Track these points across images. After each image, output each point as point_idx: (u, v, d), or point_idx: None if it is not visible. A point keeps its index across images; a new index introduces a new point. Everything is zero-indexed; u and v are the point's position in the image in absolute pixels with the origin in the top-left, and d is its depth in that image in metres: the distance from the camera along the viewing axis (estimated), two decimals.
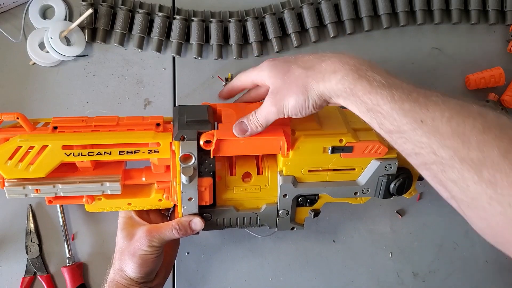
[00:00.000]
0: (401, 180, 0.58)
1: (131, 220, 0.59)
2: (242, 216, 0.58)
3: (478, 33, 0.73)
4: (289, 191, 0.57)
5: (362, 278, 0.71)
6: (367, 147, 0.55)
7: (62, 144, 0.52)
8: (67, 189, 0.55)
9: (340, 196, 0.59)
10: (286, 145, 0.53)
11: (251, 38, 0.69)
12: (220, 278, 0.70)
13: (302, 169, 0.56)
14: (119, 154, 0.53)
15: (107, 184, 0.55)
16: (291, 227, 0.61)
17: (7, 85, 0.68)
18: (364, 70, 0.44)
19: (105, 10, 0.68)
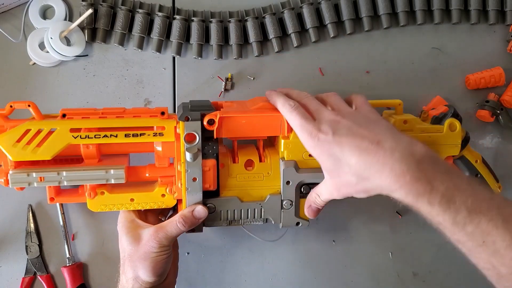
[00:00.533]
0: None
1: (134, 223, 0.59)
2: (246, 207, 0.58)
3: (478, 33, 0.73)
4: (292, 177, 0.58)
5: (362, 278, 0.71)
6: None
7: (70, 127, 0.54)
8: (71, 177, 0.55)
9: None
10: (286, 124, 0.55)
11: (251, 38, 0.69)
12: (220, 278, 0.70)
13: (303, 153, 0.57)
14: (125, 137, 0.55)
15: (112, 172, 0.55)
16: (296, 221, 0.60)
17: (7, 85, 0.68)
18: (425, 181, 0.45)
19: (105, 10, 0.68)
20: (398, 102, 0.63)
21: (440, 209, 0.44)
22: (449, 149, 0.61)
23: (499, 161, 0.73)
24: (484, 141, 0.73)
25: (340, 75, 0.72)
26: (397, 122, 0.61)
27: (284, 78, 0.71)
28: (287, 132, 0.56)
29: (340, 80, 0.72)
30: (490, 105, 0.70)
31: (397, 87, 0.72)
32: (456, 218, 0.44)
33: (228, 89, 0.71)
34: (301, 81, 0.71)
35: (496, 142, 0.73)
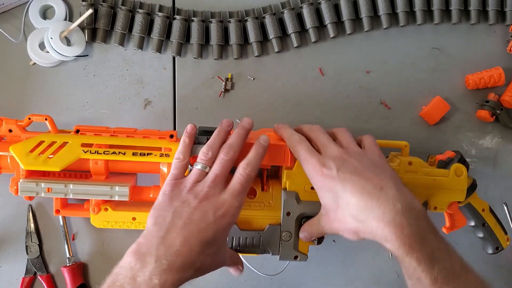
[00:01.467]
0: None
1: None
2: (245, 235, 0.59)
3: (478, 33, 0.73)
4: (292, 208, 0.58)
5: (362, 278, 0.71)
6: None
7: (81, 142, 0.56)
8: (77, 190, 0.56)
9: None
10: (290, 155, 0.56)
11: (251, 38, 0.69)
12: (220, 278, 0.70)
13: (305, 185, 0.57)
14: (132, 155, 0.57)
15: (116, 188, 0.57)
16: (295, 255, 0.59)
17: (7, 85, 0.68)
18: (418, 238, 0.47)
19: (105, 10, 0.68)
20: (404, 143, 0.62)
21: (425, 267, 0.46)
22: (455, 195, 0.61)
23: (499, 161, 0.73)
24: (484, 141, 0.73)
25: (340, 75, 0.72)
26: (402, 163, 0.60)
27: (284, 78, 0.71)
28: (290, 163, 0.57)
29: (340, 80, 0.72)
30: (490, 105, 0.70)
31: (397, 87, 0.72)
32: (438, 277, 0.46)
33: (228, 89, 0.71)
34: (301, 81, 0.71)
35: (496, 142, 0.73)
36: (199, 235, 0.48)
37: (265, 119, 0.71)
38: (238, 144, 0.53)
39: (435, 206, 0.61)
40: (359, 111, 0.72)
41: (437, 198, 0.61)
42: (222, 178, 0.51)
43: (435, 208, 0.61)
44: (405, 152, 0.63)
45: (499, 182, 0.73)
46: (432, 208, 0.61)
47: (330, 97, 0.71)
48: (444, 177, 0.61)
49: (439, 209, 0.62)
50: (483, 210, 0.65)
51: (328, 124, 0.71)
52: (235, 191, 0.51)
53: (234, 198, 0.50)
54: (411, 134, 0.72)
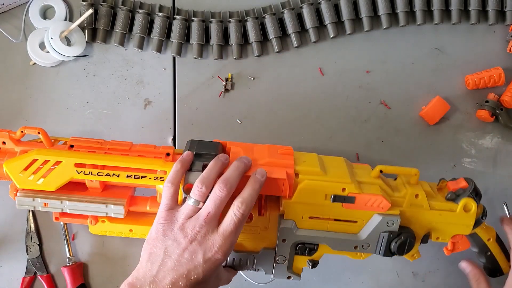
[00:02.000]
0: (402, 239, 0.56)
1: None
2: (239, 257, 0.57)
3: (478, 33, 0.73)
4: (289, 236, 0.56)
5: (362, 278, 0.71)
6: (369, 200, 0.55)
7: (75, 162, 0.55)
8: (73, 206, 0.57)
9: (340, 248, 0.57)
10: (288, 188, 0.54)
11: (251, 38, 0.69)
12: None
13: (303, 215, 0.56)
14: (126, 178, 0.56)
15: (111, 207, 0.57)
16: (288, 275, 0.59)
17: (7, 85, 0.69)
18: None
19: (105, 10, 0.68)
20: (414, 172, 0.58)
21: None
22: (459, 229, 0.59)
23: (499, 161, 0.73)
24: (484, 141, 0.73)
25: (340, 75, 0.72)
26: (408, 195, 0.57)
27: (284, 78, 0.71)
28: (289, 195, 0.55)
29: (340, 80, 0.72)
30: (490, 105, 0.70)
31: (397, 87, 0.72)
32: None
33: (228, 89, 0.71)
34: (301, 81, 0.71)
35: (496, 142, 0.73)
36: (188, 276, 0.48)
37: (265, 119, 0.71)
38: (234, 179, 0.51)
39: (437, 237, 0.59)
40: (359, 111, 0.72)
41: (440, 231, 0.59)
42: (214, 217, 0.50)
43: (437, 239, 0.60)
44: (414, 180, 0.59)
45: (499, 182, 0.73)
46: (434, 238, 0.60)
47: (330, 97, 0.71)
48: (451, 212, 0.58)
49: (441, 240, 0.60)
50: (488, 239, 0.62)
51: (328, 124, 0.71)
52: (226, 232, 0.49)
53: (226, 239, 0.49)
54: (411, 134, 0.72)
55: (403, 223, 0.57)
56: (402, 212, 0.56)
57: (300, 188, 0.54)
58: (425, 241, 0.59)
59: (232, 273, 0.58)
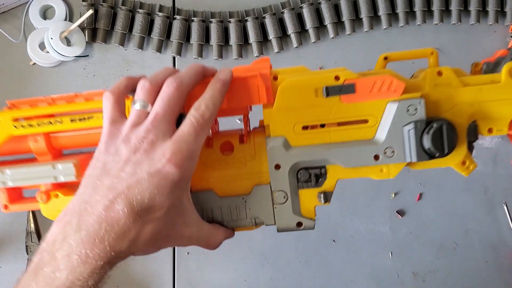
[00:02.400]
0: (435, 126, 0.40)
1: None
2: (227, 204, 0.44)
3: (478, 33, 0.73)
4: (282, 158, 0.42)
5: (362, 278, 0.71)
6: (374, 83, 0.42)
7: (13, 117, 0.48)
8: (16, 175, 0.48)
9: (355, 163, 0.42)
10: (264, 88, 0.42)
11: (251, 38, 0.69)
12: (220, 278, 0.70)
13: (294, 126, 0.43)
14: (71, 122, 0.47)
15: (59, 166, 0.47)
16: (297, 221, 0.44)
17: (7, 85, 0.69)
18: None
19: (105, 10, 0.68)
20: (430, 51, 0.46)
21: None
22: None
23: (499, 161, 0.73)
24: (484, 141, 0.73)
25: None
26: (428, 74, 0.44)
27: None
28: (268, 99, 0.42)
29: None
30: None
31: None
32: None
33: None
34: None
35: (496, 142, 0.73)
36: (128, 196, 0.36)
37: None
38: (188, 75, 0.40)
39: (489, 128, 0.44)
40: None
41: (489, 116, 0.43)
42: (164, 118, 0.38)
43: (490, 131, 0.44)
44: (433, 61, 0.47)
45: (499, 182, 0.73)
46: (486, 132, 0.44)
47: None
48: (494, 84, 0.43)
49: (497, 131, 0.44)
50: None
51: None
52: (182, 137, 0.37)
53: (181, 146, 0.37)
54: None
55: (433, 113, 0.42)
56: (425, 96, 0.42)
57: (281, 89, 0.42)
58: (474, 137, 0.44)
59: (220, 233, 0.44)
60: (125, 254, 0.37)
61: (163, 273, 0.69)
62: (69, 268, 0.35)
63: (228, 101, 0.42)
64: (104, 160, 0.38)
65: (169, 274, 0.69)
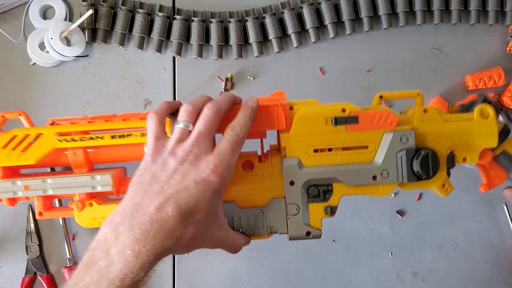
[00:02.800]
0: (423, 154, 0.49)
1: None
2: (246, 214, 0.52)
3: (478, 33, 0.73)
4: (295, 176, 0.51)
5: (362, 278, 0.71)
6: (374, 116, 0.51)
7: (56, 132, 0.52)
8: (57, 184, 0.52)
9: (356, 182, 0.51)
10: (283, 116, 0.50)
11: (251, 38, 0.69)
12: (220, 278, 0.70)
13: (307, 148, 0.51)
14: (111, 139, 0.52)
15: (98, 177, 0.52)
16: (306, 231, 0.51)
17: (7, 85, 0.69)
18: None
19: (105, 10, 0.68)
20: (417, 92, 0.55)
21: None
22: (484, 140, 0.52)
23: None
24: None
25: (340, 75, 0.72)
26: (416, 112, 0.52)
27: (284, 78, 0.71)
28: (286, 125, 0.50)
29: (340, 80, 0.72)
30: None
31: (397, 87, 0.72)
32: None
33: (228, 89, 0.71)
34: (301, 81, 0.71)
35: None
36: (177, 199, 0.42)
37: None
38: (224, 101, 0.47)
39: (464, 157, 0.52)
40: None
41: (464, 148, 0.52)
42: (206, 136, 0.45)
43: (465, 160, 0.52)
44: (418, 101, 0.55)
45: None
46: (461, 160, 0.53)
47: (330, 97, 0.71)
48: (468, 121, 0.52)
49: (470, 160, 0.53)
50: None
51: None
52: (221, 151, 0.44)
53: (221, 159, 0.44)
54: None
55: (419, 143, 0.51)
56: (414, 129, 0.51)
57: (297, 117, 0.51)
58: (452, 164, 0.52)
59: (241, 239, 0.51)
60: (171, 251, 0.42)
61: (163, 273, 0.69)
62: (122, 262, 0.39)
63: (254, 125, 0.50)
64: (153, 170, 0.44)
65: (169, 274, 0.69)
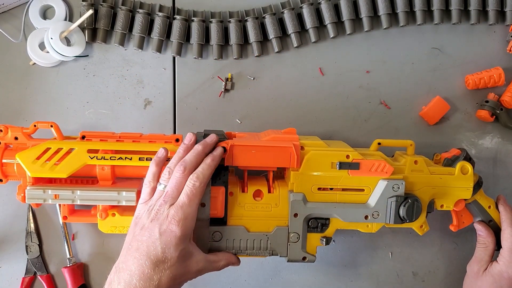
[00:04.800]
0: (409, 202, 0.58)
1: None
2: (253, 238, 0.58)
3: (478, 33, 0.73)
4: (300, 210, 0.58)
5: (362, 278, 0.72)
6: (373, 165, 0.59)
7: (88, 148, 0.57)
8: (85, 196, 0.57)
9: (350, 219, 0.59)
10: (295, 156, 0.57)
11: (251, 38, 0.69)
12: (220, 278, 0.70)
13: (312, 186, 0.59)
14: (139, 160, 0.58)
15: (124, 193, 0.57)
16: (303, 256, 0.59)
17: (7, 85, 0.68)
18: None
19: (105, 10, 0.68)
20: (410, 143, 0.63)
21: None
22: (461, 192, 0.62)
23: (499, 161, 0.73)
24: (484, 141, 0.73)
25: (340, 75, 0.72)
26: (408, 162, 0.61)
27: (284, 78, 0.71)
28: (297, 165, 0.57)
29: (340, 80, 0.72)
30: (490, 105, 0.70)
31: (397, 87, 0.72)
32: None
33: (228, 89, 0.71)
34: (301, 81, 0.71)
35: (496, 142, 0.73)
36: (148, 254, 0.49)
37: (265, 119, 0.71)
38: (191, 159, 0.54)
39: (441, 204, 0.62)
40: (359, 111, 0.72)
41: (443, 196, 0.62)
42: (171, 194, 0.52)
43: (442, 206, 0.62)
44: (410, 151, 0.63)
45: (499, 182, 0.73)
46: (439, 207, 0.62)
47: (330, 97, 0.71)
48: (450, 175, 0.61)
49: (446, 207, 0.62)
50: (489, 207, 0.65)
51: (328, 123, 0.71)
52: (180, 203, 0.52)
53: (179, 209, 0.51)
54: (411, 134, 0.72)
55: (408, 190, 0.60)
56: (405, 177, 0.60)
57: (307, 158, 0.58)
58: (431, 210, 0.62)
59: (223, 258, 0.57)
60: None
61: None
62: None
63: (268, 161, 0.57)
64: (133, 231, 0.52)
65: None
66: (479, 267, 0.64)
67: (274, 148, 0.57)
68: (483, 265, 0.64)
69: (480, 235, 0.65)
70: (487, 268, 0.63)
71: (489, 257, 0.64)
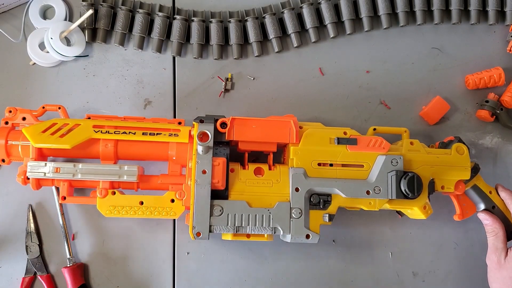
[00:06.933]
0: (410, 175, 0.59)
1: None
2: (254, 213, 0.58)
3: (478, 33, 0.73)
4: (301, 184, 0.59)
5: (362, 278, 0.71)
6: (370, 140, 0.61)
7: (93, 124, 0.58)
8: (87, 170, 0.57)
9: (352, 194, 0.60)
10: (295, 131, 0.59)
11: (251, 38, 0.69)
12: (220, 278, 0.70)
13: (312, 162, 0.60)
14: (142, 135, 0.59)
15: (125, 168, 0.58)
16: (306, 233, 0.59)
17: (7, 85, 0.68)
18: None
19: (105, 10, 0.68)
20: (404, 129, 0.65)
21: None
22: (459, 172, 0.62)
23: (499, 161, 0.73)
24: (484, 141, 0.73)
25: (340, 75, 0.72)
26: (404, 143, 0.62)
27: (284, 78, 0.71)
28: (296, 140, 0.59)
29: (340, 80, 0.72)
30: (490, 105, 0.70)
31: (397, 87, 0.72)
32: None
33: (228, 89, 0.71)
34: (301, 81, 0.71)
35: (496, 142, 0.73)
36: None
37: None
38: None
39: (442, 185, 0.62)
40: (359, 111, 0.72)
41: (442, 177, 0.62)
42: None
43: (442, 188, 0.62)
44: (405, 137, 0.65)
45: (499, 182, 0.73)
46: (439, 188, 0.62)
47: (330, 97, 0.71)
48: (446, 155, 0.62)
49: (447, 189, 0.63)
50: (490, 192, 0.65)
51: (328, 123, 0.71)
52: None
53: None
54: (411, 134, 0.71)
55: (406, 168, 0.61)
56: (403, 155, 0.61)
57: (306, 134, 0.60)
58: (432, 190, 0.62)
59: None
60: None
61: (163, 273, 0.69)
62: None
63: (268, 136, 0.59)
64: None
65: (169, 274, 0.69)
66: (498, 256, 0.62)
67: (274, 122, 0.59)
68: (501, 253, 0.62)
69: (486, 224, 0.64)
70: (508, 254, 0.62)
71: (503, 243, 0.63)
